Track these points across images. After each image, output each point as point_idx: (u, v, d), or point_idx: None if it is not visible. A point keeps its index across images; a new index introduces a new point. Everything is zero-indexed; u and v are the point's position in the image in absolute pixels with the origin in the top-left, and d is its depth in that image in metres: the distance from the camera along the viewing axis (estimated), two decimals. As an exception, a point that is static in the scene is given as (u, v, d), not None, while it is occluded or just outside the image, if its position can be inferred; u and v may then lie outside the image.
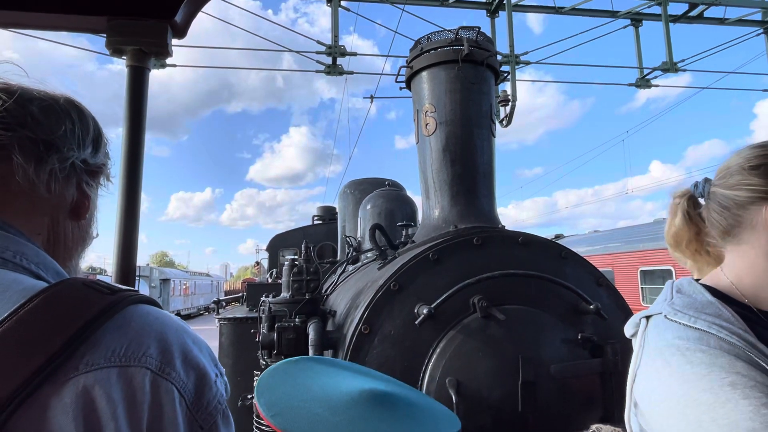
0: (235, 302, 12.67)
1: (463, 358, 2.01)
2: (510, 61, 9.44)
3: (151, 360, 0.64)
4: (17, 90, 0.76)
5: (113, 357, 0.61)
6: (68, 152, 0.80)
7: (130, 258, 1.28)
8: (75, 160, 0.81)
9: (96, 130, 0.87)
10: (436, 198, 2.75)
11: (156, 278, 30.67)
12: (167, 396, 0.64)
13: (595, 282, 2.41)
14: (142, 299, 0.71)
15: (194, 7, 1.39)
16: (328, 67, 9.37)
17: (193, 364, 0.69)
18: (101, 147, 0.88)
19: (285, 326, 2.49)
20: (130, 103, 1.31)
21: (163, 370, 0.64)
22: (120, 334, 0.63)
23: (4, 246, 0.70)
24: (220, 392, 0.73)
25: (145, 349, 0.64)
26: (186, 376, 0.67)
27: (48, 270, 0.74)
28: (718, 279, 1.08)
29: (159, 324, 0.69)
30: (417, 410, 0.95)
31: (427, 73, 2.80)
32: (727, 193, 1.06)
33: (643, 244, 12.07)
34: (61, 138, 0.78)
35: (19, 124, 0.74)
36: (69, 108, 0.82)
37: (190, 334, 0.73)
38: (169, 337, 0.68)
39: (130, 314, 0.67)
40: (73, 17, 1.35)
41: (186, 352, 0.69)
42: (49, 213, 0.80)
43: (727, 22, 10.82)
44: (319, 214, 9.16)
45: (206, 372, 0.71)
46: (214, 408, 0.71)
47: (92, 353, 0.60)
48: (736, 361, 0.88)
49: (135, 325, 0.66)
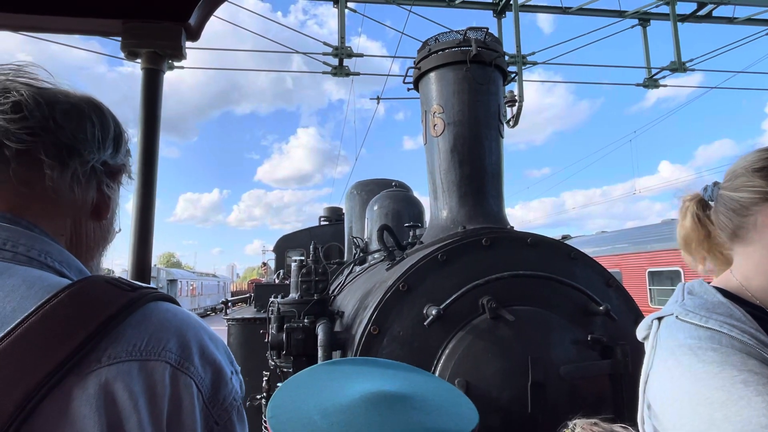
0: (242, 303, 12.72)
1: (472, 359, 2.01)
2: (517, 62, 9.42)
3: (170, 354, 0.65)
4: (41, 95, 0.77)
5: (134, 351, 0.63)
6: (89, 155, 0.81)
7: (146, 258, 1.30)
8: (95, 163, 0.83)
9: (117, 130, 0.88)
10: (444, 199, 2.75)
11: (163, 279, 30.87)
12: (186, 390, 0.66)
13: (604, 283, 2.40)
14: (162, 296, 0.73)
15: (208, 10, 1.41)
16: (334, 69, 9.39)
17: (210, 360, 0.71)
18: (122, 147, 0.90)
19: (294, 327, 2.51)
20: (145, 105, 1.33)
21: (182, 364, 0.66)
22: (141, 329, 0.65)
23: (30, 245, 0.72)
24: (235, 389, 0.74)
25: (164, 344, 0.66)
26: (203, 372, 0.69)
27: (71, 268, 0.76)
28: (728, 280, 1.09)
29: (178, 320, 0.70)
30: (425, 410, 0.93)
31: (435, 74, 2.80)
32: (733, 195, 1.08)
33: (651, 245, 11.98)
34: (82, 142, 0.80)
35: (43, 129, 0.76)
36: (90, 111, 0.83)
37: (208, 331, 0.75)
38: (187, 333, 0.70)
39: (150, 310, 0.68)
40: (89, 20, 1.37)
41: (204, 348, 0.71)
42: (71, 215, 0.82)
43: (736, 21, 10.72)
44: (326, 215, 9.19)
45: (222, 368, 0.72)
46: (229, 404, 0.73)
47: (114, 347, 0.62)
48: (748, 359, 0.88)
49: (155, 321, 0.67)
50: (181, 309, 0.74)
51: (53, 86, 0.81)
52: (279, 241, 8.80)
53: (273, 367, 2.99)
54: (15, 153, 0.73)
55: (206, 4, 1.37)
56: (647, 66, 10.64)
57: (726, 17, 10.71)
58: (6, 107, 0.73)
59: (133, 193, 1.32)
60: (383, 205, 4.52)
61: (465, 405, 1.01)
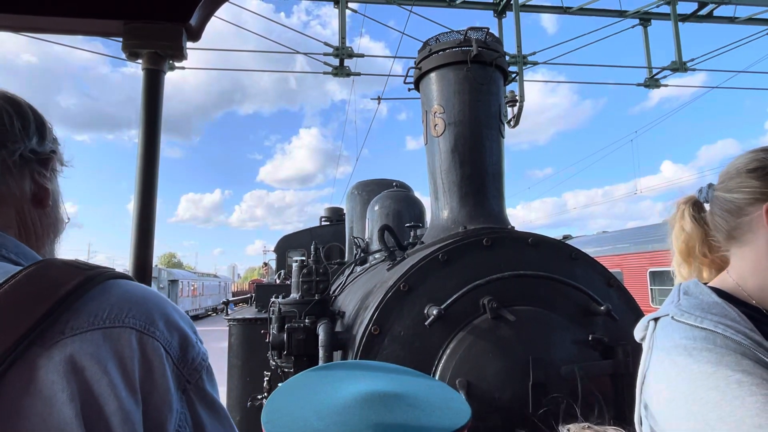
0: (243, 303, 12.72)
1: (473, 359, 2.01)
2: (518, 62, 9.42)
3: (134, 321, 0.68)
4: None
5: (96, 321, 0.65)
6: (13, 145, 0.82)
7: (147, 258, 1.30)
8: (23, 152, 0.84)
9: (37, 119, 0.89)
10: (445, 199, 2.75)
11: (164, 279, 30.91)
12: (155, 352, 0.68)
13: (605, 283, 2.40)
14: (120, 275, 0.75)
15: (208, 10, 1.41)
16: (335, 69, 9.40)
17: (174, 324, 0.73)
18: (47, 134, 0.90)
19: (295, 327, 2.51)
20: (146, 106, 1.33)
21: (146, 329, 0.68)
22: (101, 301, 0.67)
23: None
24: (202, 351, 0.77)
25: (127, 312, 0.68)
26: (170, 335, 0.71)
27: (27, 258, 0.79)
28: (724, 281, 1.10)
29: (139, 294, 0.73)
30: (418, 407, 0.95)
31: (435, 75, 2.81)
32: (727, 196, 1.09)
33: (652, 245, 11.96)
34: (2, 134, 0.81)
35: None
36: (5, 104, 0.84)
37: (171, 304, 0.77)
38: (148, 303, 0.72)
39: (110, 286, 0.71)
40: (90, 21, 1.38)
41: (167, 315, 0.73)
42: (13, 206, 0.83)
43: (737, 21, 10.71)
44: (327, 216, 9.19)
45: (187, 333, 0.75)
46: (198, 364, 0.75)
47: (76, 319, 0.64)
48: (742, 359, 0.88)
49: (115, 294, 0.69)
50: (140, 284, 0.76)
51: None
52: (280, 242, 8.80)
53: (274, 367, 2.99)
54: None
55: (207, 5, 1.38)
56: (648, 66, 10.63)
57: (727, 17, 10.70)
58: None
59: (133, 193, 1.32)
60: (384, 205, 4.53)
61: (457, 400, 1.03)
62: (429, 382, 1.12)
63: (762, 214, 1.01)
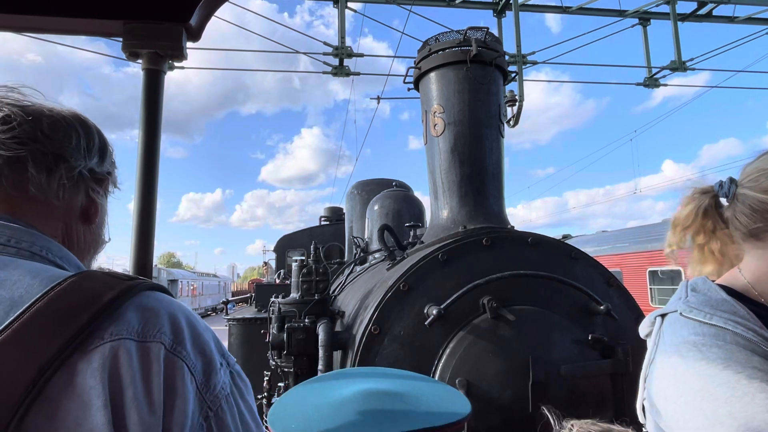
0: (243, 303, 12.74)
1: (473, 359, 2.01)
2: (517, 61, 9.42)
3: (165, 337, 0.70)
4: (30, 109, 0.84)
5: (131, 331, 0.68)
6: (75, 162, 0.88)
7: (147, 258, 1.30)
8: (82, 170, 0.89)
9: (101, 141, 0.94)
10: (444, 198, 2.75)
11: (164, 279, 30.91)
12: (179, 372, 0.70)
13: (605, 282, 2.41)
14: (156, 286, 0.78)
15: (208, 10, 1.41)
16: (335, 69, 9.40)
17: (201, 348, 0.75)
18: (107, 157, 0.96)
19: (295, 327, 2.51)
20: (146, 106, 1.33)
21: (174, 348, 0.71)
22: (138, 312, 0.70)
23: (32, 241, 0.79)
24: (223, 380, 0.78)
25: (160, 327, 0.70)
26: (195, 358, 0.73)
27: (71, 264, 0.83)
28: (735, 279, 1.08)
29: (172, 308, 0.75)
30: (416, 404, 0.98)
31: (435, 74, 2.81)
32: (760, 196, 1.04)
33: (652, 245, 11.97)
34: (68, 150, 0.87)
35: (31, 139, 0.82)
36: (75, 123, 0.90)
37: (200, 321, 0.79)
38: (181, 320, 0.74)
39: (146, 297, 0.74)
40: (90, 21, 1.38)
41: (196, 336, 0.75)
42: (62, 218, 0.88)
43: (737, 20, 10.70)
44: (327, 215, 9.19)
45: (213, 358, 0.76)
46: (219, 392, 0.76)
47: (116, 326, 0.67)
48: (752, 355, 0.88)
49: (151, 307, 0.72)
50: (174, 299, 0.79)
51: (40, 104, 0.87)
52: (280, 241, 8.80)
53: (274, 366, 2.99)
54: (6, 161, 0.80)
55: (207, 5, 1.38)
56: (647, 65, 10.63)
57: (726, 16, 10.69)
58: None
59: (134, 193, 1.32)
60: (384, 205, 4.53)
61: (457, 396, 1.06)
62: (429, 382, 1.15)
63: None
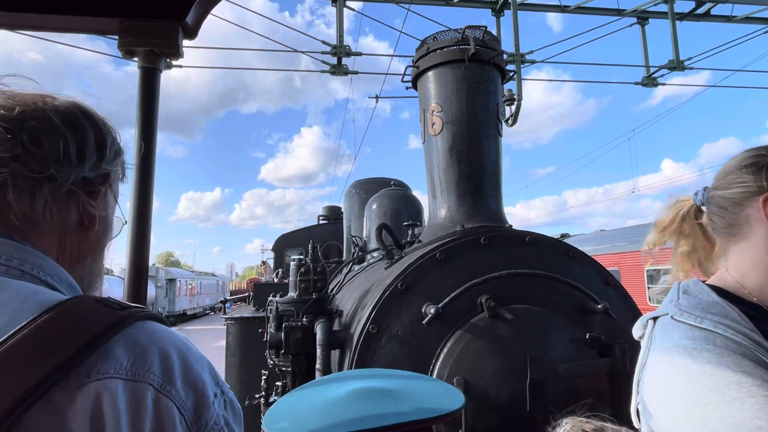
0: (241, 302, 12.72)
1: (470, 358, 2.01)
2: (515, 60, 9.42)
3: (154, 377, 0.67)
4: (9, 116, 0.75)
5: (120, 369, 0.64)
6: (63, 177, 0.79)
7: (143, 257, 1.29)
8: (71, 185, 0.80)
9: (98, 137, 0.84)
10: (442, 197, 2.75)
11: (162, 278, 30.83)
12: (168, 413, 0.67)
13: (603, 281, 2.41)
14: (150, 316, 0.74)
15: (205, 8, 1.40)
16: (333, 67, 9.39)
17: (193, 383, 0.71)
18: (106, 153, 0.86)
19: (293, 326, 2.51)
20: (142, 104, 1.33)
21: (164, 387, 0.67)
22: (128, 347, 0.67)
23: (23, 258, 0.74)
24: (217, 413, 0.74)
25: (149, 366, 0.67)
26: (185, 395, 0.70)
27: (62, 282, 0.78)
28: (724, 279, 1.09)
29: (164, 342, 0.72)
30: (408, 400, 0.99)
31: (433, 73, 2.80)
32: (723, 193, 1.10)
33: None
34: (55, 164, 0.77)
35: (12, 159, 0.74)
36: (63, 126, 0.79)
37: (193, 352, 0.75)
38: (172, 354, 0.71)
39: (138, 329, 0.70)
40: (86, 19, 1.37)
41: (187, 370, 0.71)
42: (55, 234, 0.82)
43: (735, 19, 10.72)
44: (325, 214, 9.19)
45: (205, 392, 0.73)
46: (211, 428, 0.73)
47: (103, 363, 0.63)
48: (742, 359, 0.88)
49: (142, 341, 0.69)
50: (168, 329, 0.75)
51: (25, 103, 0.78)
52: (278, 241, 8.79)
53: (271, 365, 2.99)
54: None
55: (203, 3, 1.37)
56: (646, 64, 10.64)
57: (724, 16, 10.71)
58: None
59: (130, 192, 1.31)
60: (382, 204, 4.52)
61: (450, 390, 1.07)
62: (425, 380, 1.15)
63: (759, 207, 1.01)
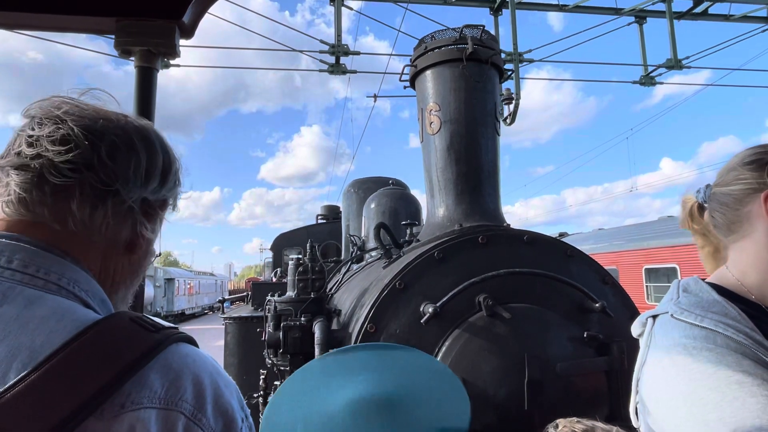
0: (240, 301, 12.71)
1: (468, 357, 2.01)
2: (513, 59, 9.42)
3: (186, 405, 0.68)
4: (90, 129, 0.77)
5: (153, 398, 0.65)
6: (128, 194, 0.80)
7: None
8: (132, 203, 0.81)
9: (165, 163, 0.86)
10: (440, 197, 2.75)
11: (160, 278, 30.76)
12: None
13: (600, 280, 2.41)
14: (183, 338, 0.75)
15: (201, 7, 1.40)
16: (331, 66, 9.38)
17: (222, 409, 0.73)
18: (168, 180, 0.88)
19: (291, 325, 2.50)
20: (139, 104, 1.33)
21: (195, 415, 0.68)
22: (162, 374, 0.68)
23: (61, 273, 0.74)
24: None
25: (182, 393, 0.68)
26: (215, 422, 0.71)
27: (95, 298, 0.77)
28: (724, 277, 1.09)
29: (197, 366, 0.73)
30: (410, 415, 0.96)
31: (431, 72, 2.80)
32: (725, 190, 1.09)
33: (648, 242, 12.01)
34: (122, 180, 0.79)
35: (86, 166, 0.75)
36: (139, 144, 0.81)
37: (223, 376, 0.77)
38: (204, 380, 0.72)
39: (172, 354, 0.71)
40: (82, 18, 1.36)
41: (218, 396, 0.73)
42: (102, 251, 0.82)
43: (732, 18, 10.73)
44: (323, 213, 9.19)
45: (234, 418, 0.75)
46: None
47: (137, 392, 0.64)
48: (742, 359, 0.88)
49: (176, 366, 0.70)
50: (200, 353, 0.77)
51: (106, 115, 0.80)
52: (276, 240, 8.79)
53: (270, 365, 2.98)
54: (53, 188, 0.74)
55: (200, 2, 1.36)
56: (644, 63, 10.65)
57: (722, 14, 10.72)
58: (55, 138, 0.74)
59: None
60: (380, 203, 4.53)
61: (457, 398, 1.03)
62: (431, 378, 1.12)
63: (760, 204, 1.00)
